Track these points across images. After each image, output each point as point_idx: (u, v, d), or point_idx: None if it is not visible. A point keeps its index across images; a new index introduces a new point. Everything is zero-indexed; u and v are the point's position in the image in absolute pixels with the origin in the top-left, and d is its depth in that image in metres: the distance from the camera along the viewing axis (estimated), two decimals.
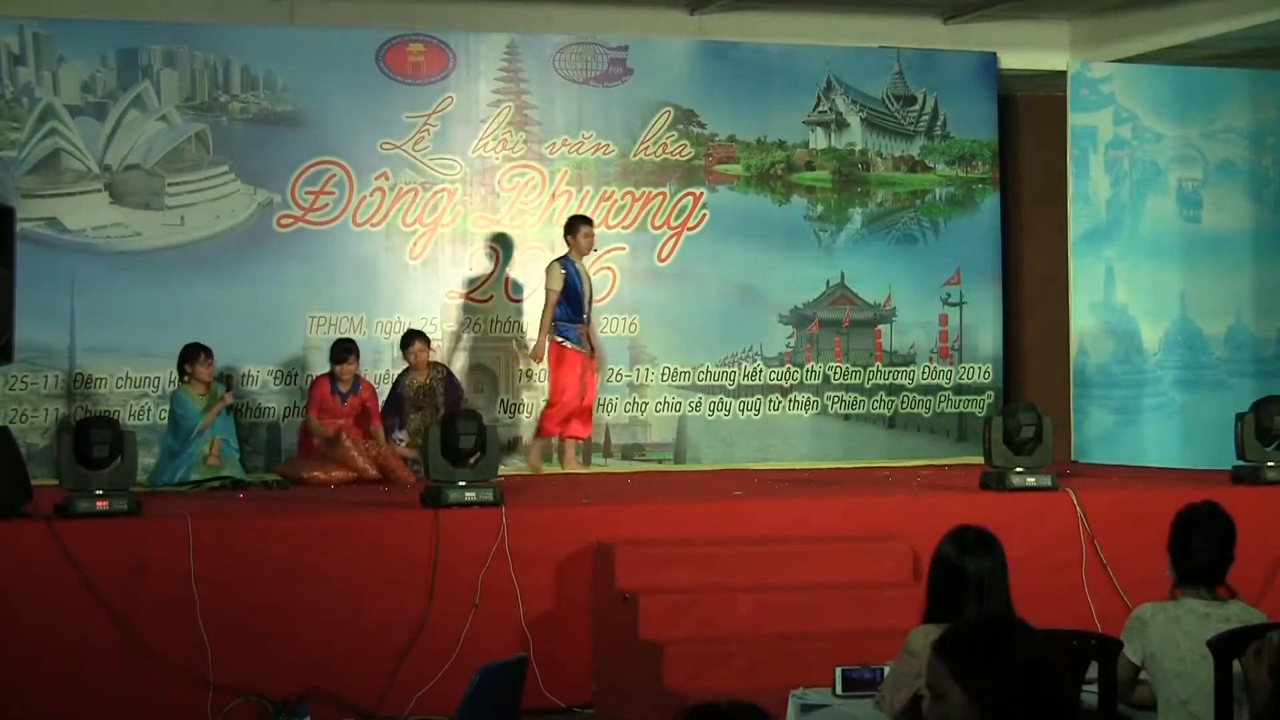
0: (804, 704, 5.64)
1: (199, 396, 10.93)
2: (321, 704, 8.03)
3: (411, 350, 11.55)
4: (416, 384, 11.58)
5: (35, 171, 11.68)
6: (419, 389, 11.57)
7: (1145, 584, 6.35)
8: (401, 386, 11.61)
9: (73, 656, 7.87)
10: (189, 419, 10.82)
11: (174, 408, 10.94)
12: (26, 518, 8.19)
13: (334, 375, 11.32)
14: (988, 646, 3.08)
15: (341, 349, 11.33)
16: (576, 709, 8.48)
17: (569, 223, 11.79)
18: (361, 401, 11.41)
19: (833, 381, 13.12)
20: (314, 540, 8.34)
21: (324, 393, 11.31)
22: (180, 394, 10.94)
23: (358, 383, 11.44)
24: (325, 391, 11.32)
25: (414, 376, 11.58)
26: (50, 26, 11.74)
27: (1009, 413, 9.61)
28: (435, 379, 11.63)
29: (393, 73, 12.34)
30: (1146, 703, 5.39)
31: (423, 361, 11.58)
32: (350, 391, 11.37)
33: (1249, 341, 12.97)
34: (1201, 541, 5.38)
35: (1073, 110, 12.64)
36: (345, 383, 11.34)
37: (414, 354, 11.54)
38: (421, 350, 11.57)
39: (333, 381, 11.32)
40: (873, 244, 13.23)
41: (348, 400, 11.36)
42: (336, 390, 11.33)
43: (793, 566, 8.61)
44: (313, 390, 11.40)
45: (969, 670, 3.06)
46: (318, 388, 11.36)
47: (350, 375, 11.35)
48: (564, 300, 11.55)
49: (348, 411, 11.35)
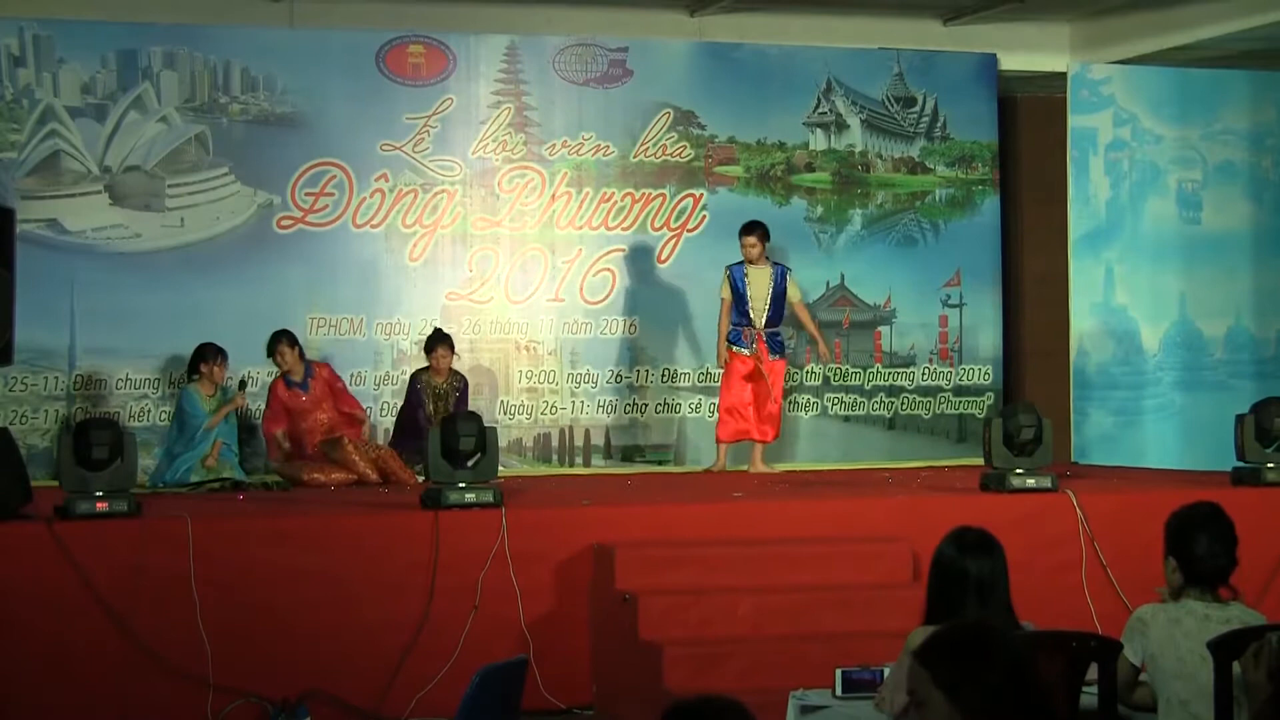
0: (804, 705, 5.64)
1: (208, 397, 10.93)
2: (321, 705, 8.03)
3: (436, 354, 11.53)
4: (434, 385, 11.56)
5: (35, 173, 11.69)
6: (435, 391, 11.55)
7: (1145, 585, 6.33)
8: (420, 383, 11.59)
9: (73, 657, 7.87)
10: (196, 417, 10.80)
11: (182, 404, 10.91)
12: (26, 519, 8.19)
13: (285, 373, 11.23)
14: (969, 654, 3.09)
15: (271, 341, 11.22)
16: (576, 710, 8.48)
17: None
18: (324, 383, 11.35)
19: (833, 383, 13.12)
20: (314, 541, 8.35)
21: (281, 393, 11.25)
22: (190, 391, 10.91)
23: (309, 367, 11.36)
24: (283, 390, 11.25)
25: (432, 377, 11.57)
26: (50, 27, 11.75)
27: (1009, 414, 9.60)
28: (452, 385, 11.62)
29: (393, 74, 12.34)
30: (1147, 704, 5.39)
31: (445, 366, 11.57)
32: (306, 376, 11.30)
33: (1249, 343, 12.97)
34: (1209, 542, 5.36)
35: (1073, 112, 12.64)
36: (295, 371, 11.26)
37: (437, 358, 11.53)
38: (445, 355, 11.55)
39: (286, 379, 11.26)
40: (873, 245, 13.24)
41: (309, 387, 11.29)
42: (291, 383, 11.27)
43: (793, 567, 8.60)
44: (270, 399, 11.30)
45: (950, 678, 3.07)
46: (273, 393, 11.28)
47: (293, 359, 11.22)
48: (734, 306, 11.66)
49: (316, 398, 11.26)
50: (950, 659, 3.09)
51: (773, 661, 7.77)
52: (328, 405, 11.33)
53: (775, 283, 11.71)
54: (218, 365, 10.92)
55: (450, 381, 11.62)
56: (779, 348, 11.79)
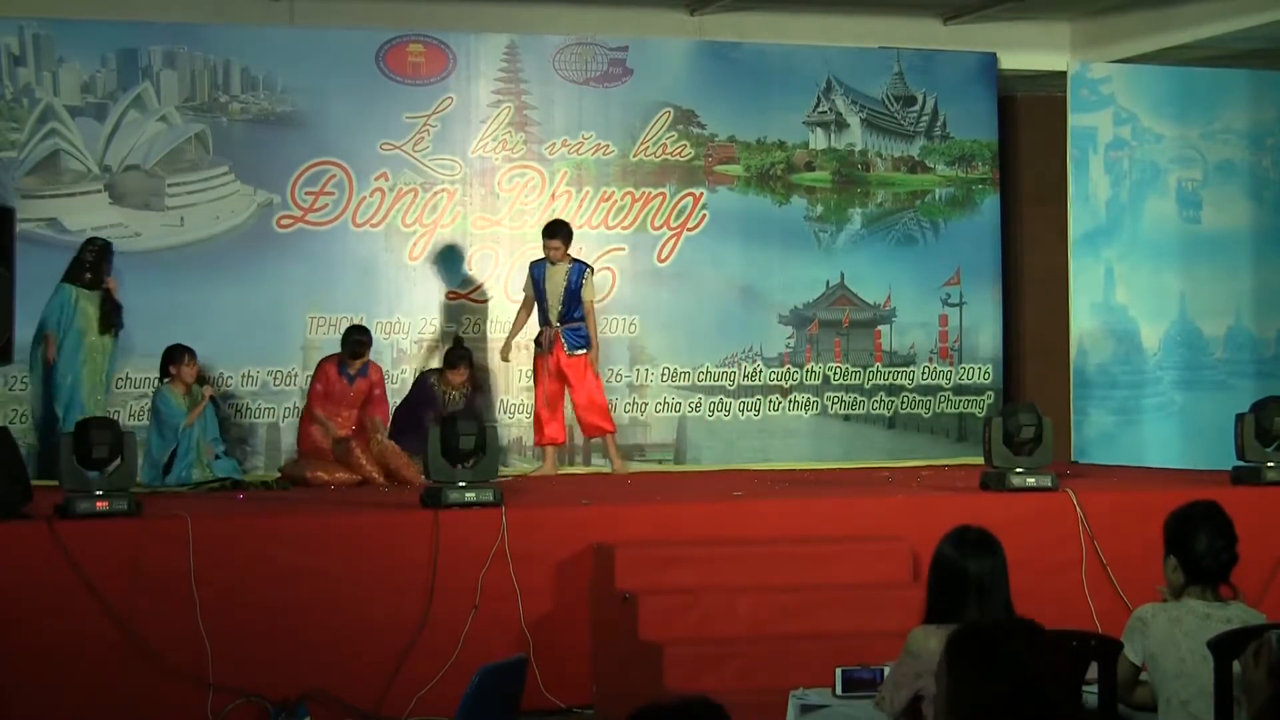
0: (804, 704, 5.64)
1: (182, 396, 10.93)
2: (321, 704, 8.03)
3: (458, 370, 11.54)
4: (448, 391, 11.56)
5: (35, 172, 11.69)
6: (448, 397, 11.55)
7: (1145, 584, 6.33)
8: (430, 383, 11.58)
9: (72, 657, 7.87)
10: (173, 415, 10.81)
11: (157, 405, 10.93)
12: (26, 518, 8.19)
13: (343, 361, 11.28)
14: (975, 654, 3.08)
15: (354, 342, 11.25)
16: (576, 709, 8.48)
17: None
18: (370, 385, 11.34)
19: (833, 382, 13.12)
20: (314, 541, 8.35)
21: (329, 376, 11.24)
22: (164, 391, 10.94)
23: (367, 366, 11.40)
24: (332, 374, 11.25)
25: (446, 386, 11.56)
26: (50, 27, 11.75)
27: (1009, 413, 9.60)
28: (463, 394, 11.62)
29: (393, 73, 12.34)
30: (1147, 703, 5.38)
31: (460, 381, 11.57)
32: (359, 374, 11.32)
33: (1249, 342, 12.97)
34: (1210, 539, 5.35)
35: (1073, 111, 12.63)
36: (354, 365, 11.31)
37: (456, 374, 11.53)
38: (463, 372, 11.56)
39: (341, 365, 11.28)
40: (872, 244, 13.23)
41: (355, 382, 11.30)
42: (344, 372, 11.28)
43: (792, 567, 8.60)
44: (317, 374, 11.33)
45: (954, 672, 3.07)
46: (321, 373, 11.29)
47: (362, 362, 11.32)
48: (536, 305, 11.60)
49: (355, 395, 11.29)
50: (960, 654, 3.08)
51: (773, 661, 7.77)
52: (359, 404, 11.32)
53: (571, 279, 11.55)
54: (186, 365, 10.91)
55: (463, 390, 11.64)
56: (578, 343, 11.60)
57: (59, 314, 10.94)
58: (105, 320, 10.99)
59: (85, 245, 11.12)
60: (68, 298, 10.95)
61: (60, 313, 10.94)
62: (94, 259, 11.03)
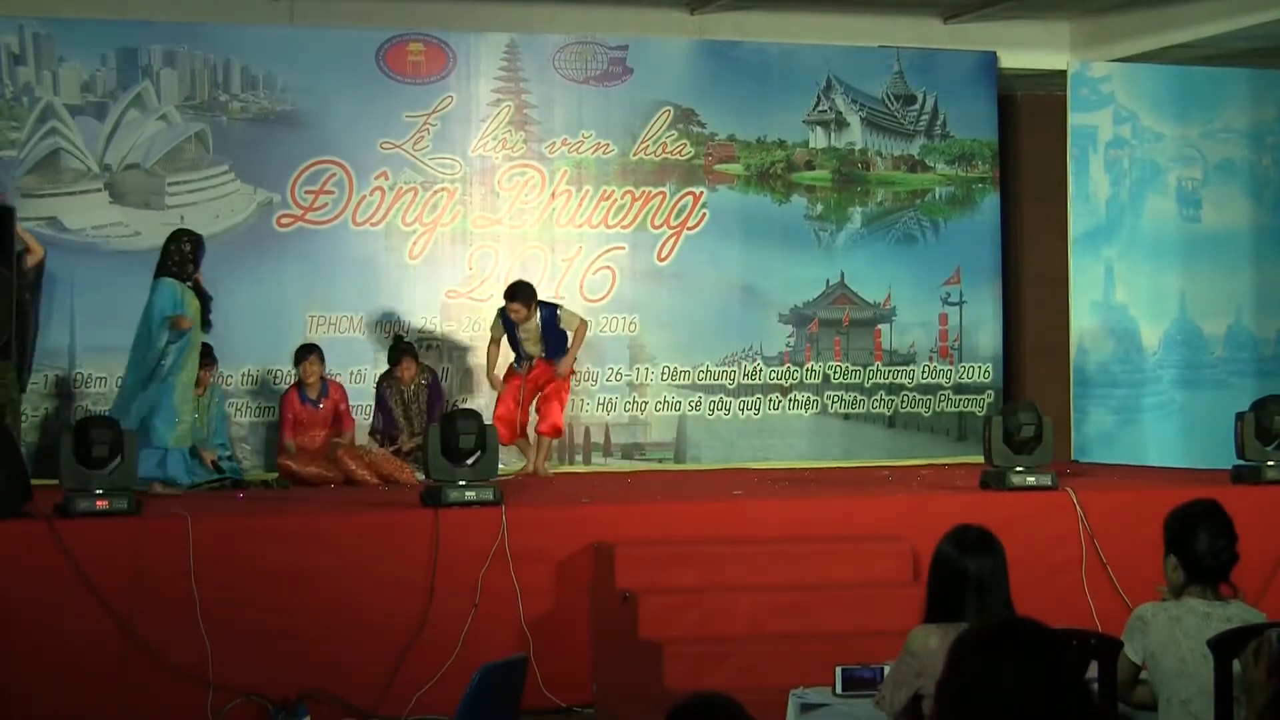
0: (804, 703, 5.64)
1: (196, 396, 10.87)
2: (321, 704, 8.04)
3: (401, 366, 11.55)
4: (400, 390, 11.58)
5: (35, 171, 11.69)
6: (402, 394, 11.57)
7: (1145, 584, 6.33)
8: (385, 392, 11.60)
9: (73, 656, 7.87)
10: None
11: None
12: (26, 517, 8.19)
13: (300, 384, 11.34)
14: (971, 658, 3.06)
15: (302, 350, 11.35)
16: (576, 709, 8.48)
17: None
18: (334, 404, 11.47)
19: (833, 381, 13.12)
20: (314, 540, 8.35)
21: (294, 406, 11.36)
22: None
23: (326, 385, 11.45)
24: (295, 404, 11.37)
25: (397, 383, 11.59)
26: (50, 26, 11.74)
27: (1009, 412, 9.61)
28: (420, 384, 11.63)
29: (393, 72, 12.34)
30: (1147, 703, 5.38)
31: (409, 376, 11.59)
32: (321, 395, 11.39)
33: (1249, 341, 12.97)
34: (1210, 537, 5.35)
35: (1072, 110, 12.64)
36: (313, 387, 11.36)
37: (402, 370, 11.55)
38: (409, 366, 11.57)
39: (300, 390, 11.35)
40: (872, 243, 13.23)
41: (321, 405, 11.39)
42: (306, 399, 11.36)
43: (792, 566, 8.61)
44: (283, 409, 11.42)
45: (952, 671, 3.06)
46: (287, 403, 11.40)
47: (316, 377, 11.35)
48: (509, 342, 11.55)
49: (323, 418, 11.39)
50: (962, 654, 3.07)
51: (772, 660, 7.77)
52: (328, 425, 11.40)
53: (544, 321, 11.44)
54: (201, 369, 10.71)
55: (418, 380, 11.63)
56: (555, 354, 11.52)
57: (173, 307, 10.09)
58: (204, 315, 10.25)
59: (180, 237, 10.33)
60: (174, 292, 10.13)
61: (174, 306, 10.09)
62: (192, 250, 10.26)
